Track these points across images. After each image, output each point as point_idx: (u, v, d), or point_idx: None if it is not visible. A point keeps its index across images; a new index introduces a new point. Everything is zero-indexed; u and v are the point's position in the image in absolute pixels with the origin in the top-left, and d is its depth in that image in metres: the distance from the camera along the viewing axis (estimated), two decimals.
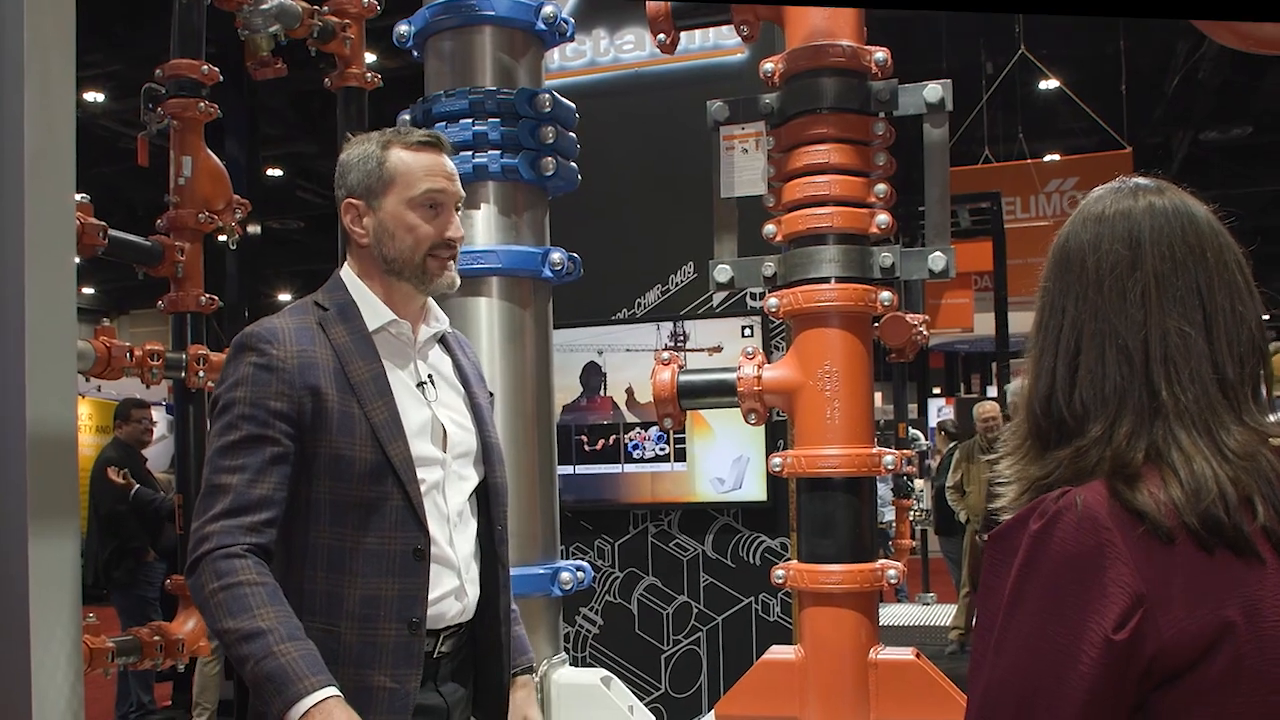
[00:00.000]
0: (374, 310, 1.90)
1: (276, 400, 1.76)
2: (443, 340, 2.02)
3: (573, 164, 2.95)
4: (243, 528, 1.71)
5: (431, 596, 1.83)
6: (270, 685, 1.62)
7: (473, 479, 1.95)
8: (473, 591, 1.92)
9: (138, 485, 6.06)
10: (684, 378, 2.96)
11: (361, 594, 1.78)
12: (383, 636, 1.78)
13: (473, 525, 1.95)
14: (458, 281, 1.95)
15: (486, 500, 1.97)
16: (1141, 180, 1.16)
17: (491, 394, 2.11)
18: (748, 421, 2.93)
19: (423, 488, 1.83)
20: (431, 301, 1.99)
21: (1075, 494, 1.01)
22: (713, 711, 2.91)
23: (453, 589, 1.87)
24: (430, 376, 1.94)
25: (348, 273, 1.94)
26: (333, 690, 1.63)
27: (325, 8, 4.64)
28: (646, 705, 3.63)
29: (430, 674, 1.85)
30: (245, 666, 1.64)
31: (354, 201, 1.91)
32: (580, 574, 2.82)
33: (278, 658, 1.62)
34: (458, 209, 1.95)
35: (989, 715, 1.01)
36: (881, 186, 2.85)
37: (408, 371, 1.91)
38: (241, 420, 1.76)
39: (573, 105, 2.94)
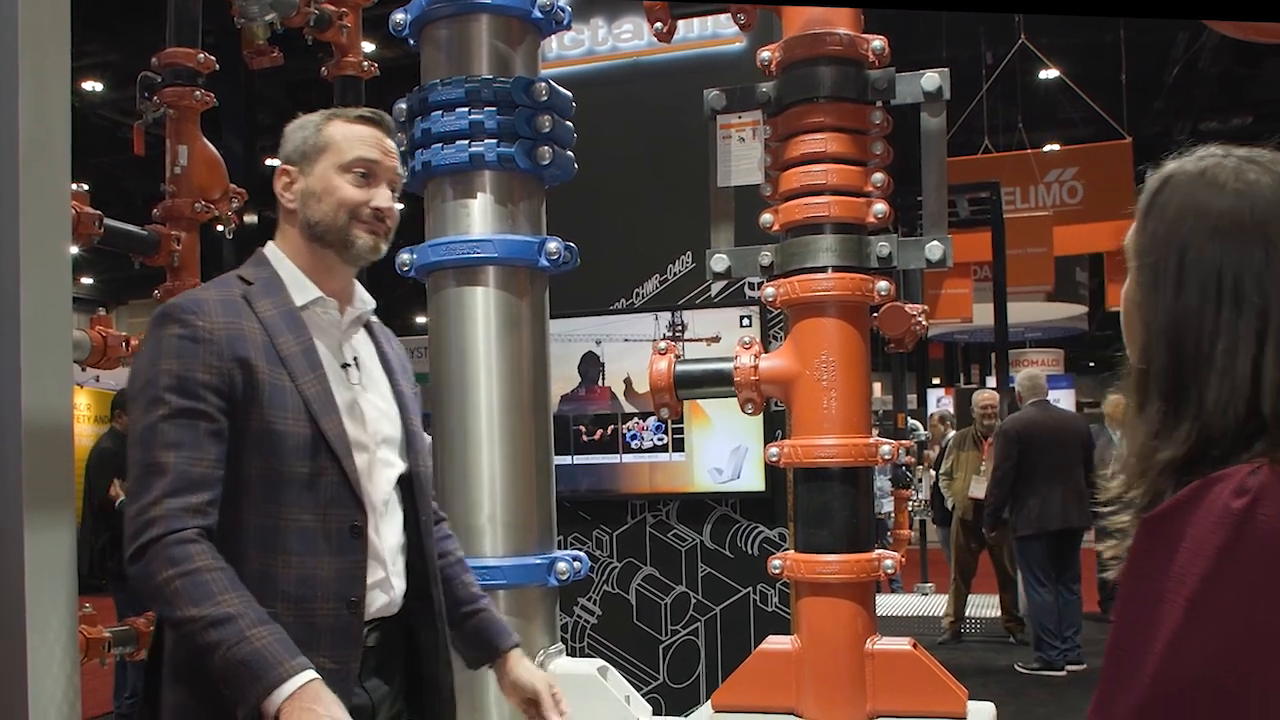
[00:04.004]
0: (300, 286, 1.84)
1: (205, 373, 1.68)
2: (367, 326, 1.97)
3: (569, 153, 2.94)
4: (189, 509, 1.63)
5: None
6: (246, 671, 1.55)
7: (398, 466, 1.89)
8: (399, 584, 1.86)
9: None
10: (681, 367, 2.96)
11: (297, 574, 1.71)
12: (321, 617, 1.72)
13: (399, 515, 1.89)
14: (382, 250, 1.89)
15: (412, 490, 1.91)
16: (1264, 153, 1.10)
17: (417, 387, 2.03)
18: (745, 411, 2.93)
19: None
20: (358, 285, 1.95)
21: (1268, 469, 0.95)
22: (709, 702, 2.92)
23: (378, 580, 1.81)
24: (355, 359, 1.89)
25: (273, 249, 1.89)
26: (313, 673, 1.58)
27: None
28: (644, 695, 3.64)
29: None
30: (214, 654, 1.57)
31: (287, 167, 1.88)
32: (577, 564, 2.82)
33: (251, 642, 1.56)
34: (394, 191, 1.90)
35: (1172, 712, 0.93)
36: (879, 175, 2.85)
37: (333, 351, 1.85)
38: (169, 394, 1.67)
39: (569, 94, 2.93)
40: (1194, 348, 1.04)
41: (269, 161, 13.98)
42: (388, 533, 1.84)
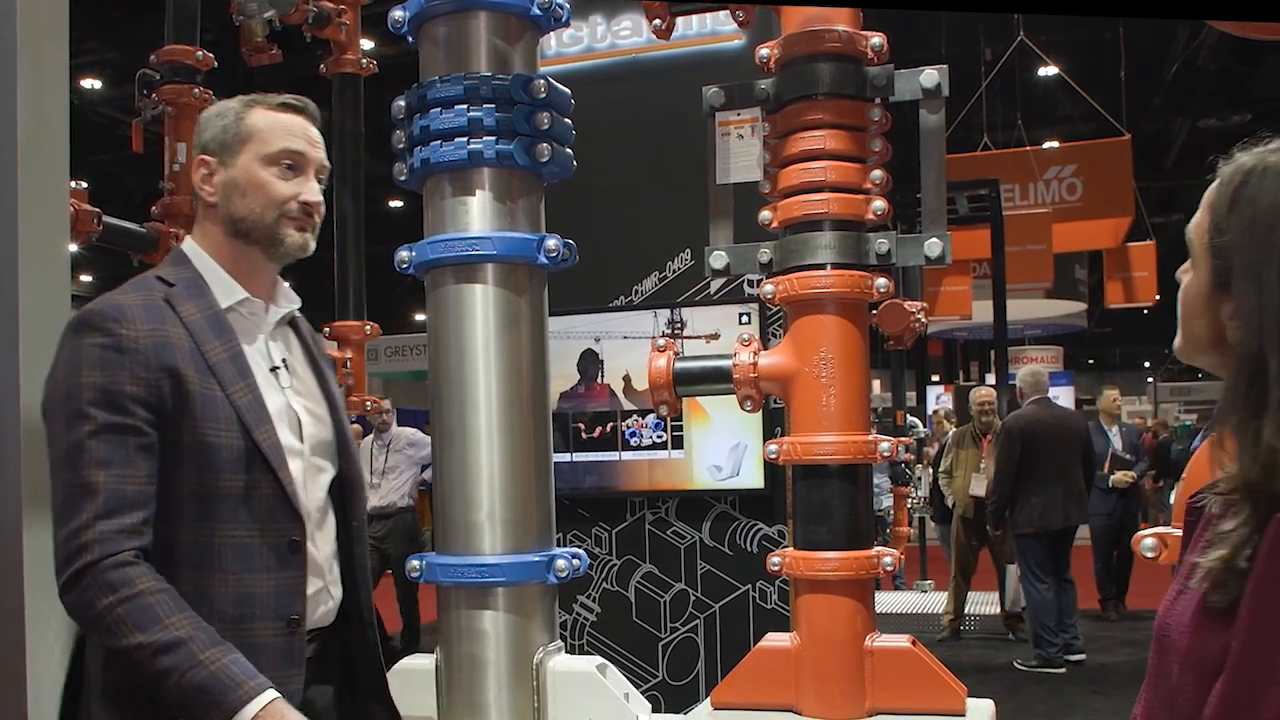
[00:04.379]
0: (225, 287, 1.75)
1: (132, 384, 1.59)
2: (292, 324, 1.90)
3: (568, 150, 2.93)
4: (125, 531, 1.55)
5: None
6: (205, 696, 1.50)
7: (329, 471, 1.83)
8: (337, 592, 1.82)
9: None
10: (679, 364, 2.95)
11: (234, 593, 1.64)
12: (260, 637, 1.65)
13: (332, 521, 1.83)
14: (311, 246, 1.81)
15: (343, 494, 1.85)
16: None
17: (342, 386, 2.02)
18: (743, 408, 2.93)
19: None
20: (282, 281, 1.87)
21: None
22: (708, 699, 2.92)
23: (317, 590, 1.76)
24: (284, 361, 1.82)
25: (192, 246, 1.80)
26: (274, 692, 1.53)
27: None
28: (644, 693, 3.63)
29: None
30: (168, 681, 1.51)
31: (206, 158, 1.78)
32: (576, 561, 2.81)
33: (206, 666, 1.50)
34: (321, 181, 1.83)
35: None
36: (877, 172, 2.85)
37: (261, 354, 1.77)
38: (94, 408, 1.57)
39: (568, 91, 2.93)
40: None
41: None
42: (323, 541, 1.79)
